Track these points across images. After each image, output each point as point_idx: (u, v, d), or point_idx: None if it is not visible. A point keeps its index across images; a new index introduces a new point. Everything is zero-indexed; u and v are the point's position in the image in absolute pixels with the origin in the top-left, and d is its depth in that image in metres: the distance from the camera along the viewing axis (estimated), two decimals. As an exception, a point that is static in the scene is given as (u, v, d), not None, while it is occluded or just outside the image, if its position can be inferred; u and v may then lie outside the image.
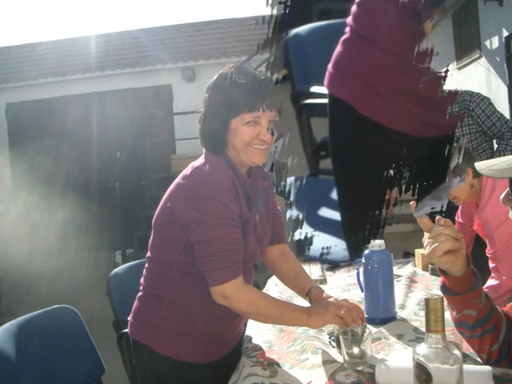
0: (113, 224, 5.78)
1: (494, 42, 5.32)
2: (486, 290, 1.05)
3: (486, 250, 1.85)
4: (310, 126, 2.92)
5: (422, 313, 1.43)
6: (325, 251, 2.53)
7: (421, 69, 2.49)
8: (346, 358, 1.12)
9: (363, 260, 1.46)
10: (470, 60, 5.98)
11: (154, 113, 6.68)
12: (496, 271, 1.78)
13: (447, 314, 0.96)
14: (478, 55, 5.73)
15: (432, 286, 1.78)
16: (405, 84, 2.19)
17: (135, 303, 1.38)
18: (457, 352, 0.80)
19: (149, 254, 1.36)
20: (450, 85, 2.96)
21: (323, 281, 1.94)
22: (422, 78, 2.38)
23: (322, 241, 2.59)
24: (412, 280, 1.85)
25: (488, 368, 0.98)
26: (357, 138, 2.30)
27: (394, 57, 2.15)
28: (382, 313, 1.43)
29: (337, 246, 2.50)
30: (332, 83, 2.29)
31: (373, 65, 2.16)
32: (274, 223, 1.48)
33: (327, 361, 1.17)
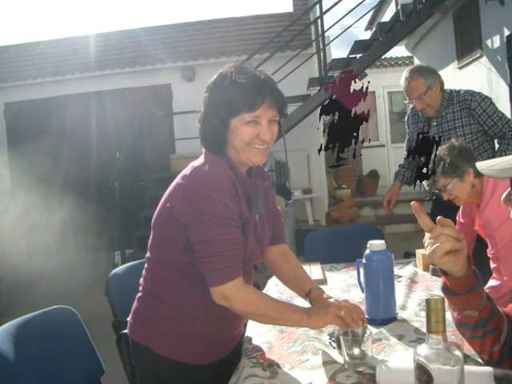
0: (112, 224, 5.76)
1: (496, 42, 5.31)
2: (487, 291, 1.05)
3: (487, 251, 1.85)
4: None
5: (423, 313, 1.43)
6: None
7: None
8: (347, 358, 1.12)
9: (364, 260, 1.45)
10: (471, 59, 5.97)
11: (154, 112, 6.66)
12: (497, 272, 1.78)
13: (448, 315, 0.95)
14: (479, 54, 5.72)
15: (433, 286, 1.78)
16: None
17: (134, 304, 1.38)
18: (458, 353, 0.80)
19: (148, 254, 1.36)
20: (451, 84, 2.96)
21: (323, 281, 1.94)
22: None
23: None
24: (413, 280, 1.85)
25: (489, 369, 0.98)
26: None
27: None
28: (383, 313, 1.42)
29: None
30: None
31: None
32: (274, 223, 1.47)
33: (327, 362, 1.17)
